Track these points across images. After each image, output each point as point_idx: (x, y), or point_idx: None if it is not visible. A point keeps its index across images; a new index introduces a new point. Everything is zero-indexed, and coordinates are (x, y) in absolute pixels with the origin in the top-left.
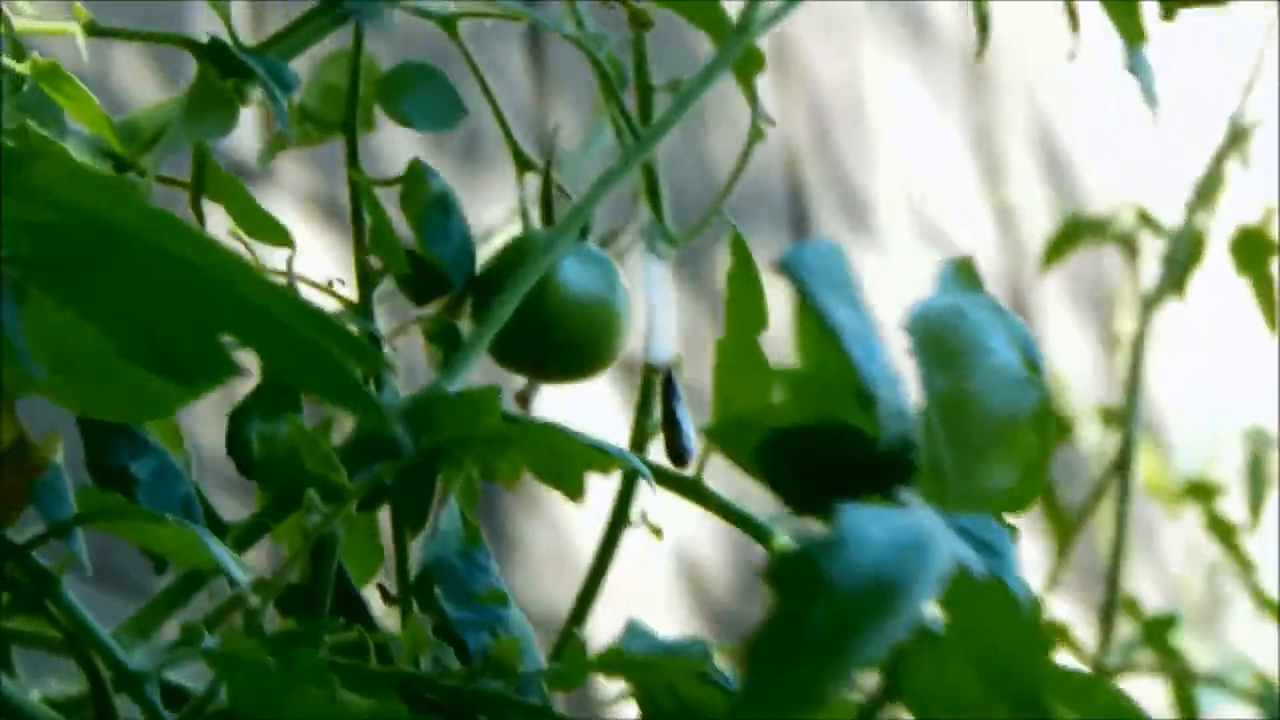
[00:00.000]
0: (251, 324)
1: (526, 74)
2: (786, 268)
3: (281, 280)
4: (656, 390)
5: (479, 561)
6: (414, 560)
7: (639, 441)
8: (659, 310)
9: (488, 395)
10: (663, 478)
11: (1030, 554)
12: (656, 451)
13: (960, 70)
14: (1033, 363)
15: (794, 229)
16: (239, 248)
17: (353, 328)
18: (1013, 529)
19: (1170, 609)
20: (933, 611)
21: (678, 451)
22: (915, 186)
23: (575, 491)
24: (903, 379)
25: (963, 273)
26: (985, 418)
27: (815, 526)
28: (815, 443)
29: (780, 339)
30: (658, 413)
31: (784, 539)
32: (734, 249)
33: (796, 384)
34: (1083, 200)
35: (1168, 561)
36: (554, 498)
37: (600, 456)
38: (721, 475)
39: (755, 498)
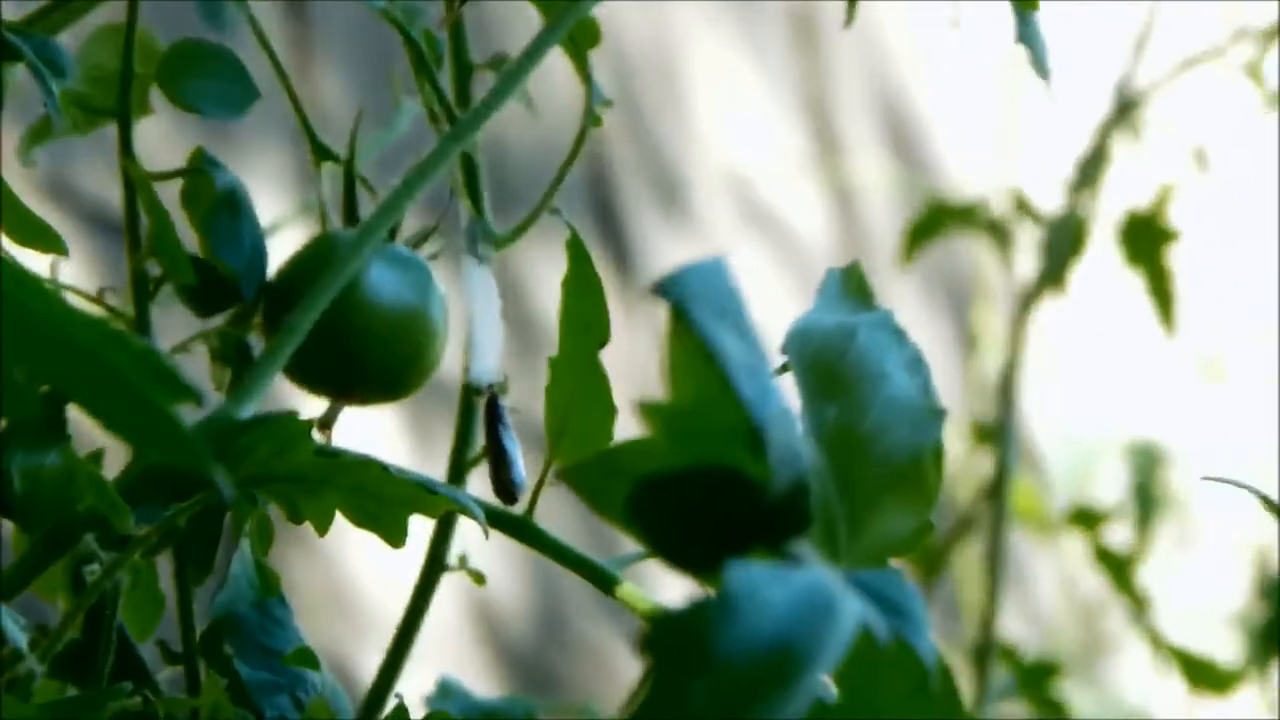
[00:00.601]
0: (44, 350)
1: (289, 45)
2: (665, 290)
3: None
4: (478, 416)
5: (275, 614)
6: (199, 612)
7: (456, 475)
8: (482, 322)
9: (296, 425)
10: (491, 518)
11: None
12: (473, 486)
13: (788, 27)
14: (928, 390)
15: (597, 216)
16: None
17: None
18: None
19: (1047, 653)
20: (827, 683)
21: (506, 487)
22: (738, 163)
23: (396, 537)
24: (795, 417)
25: (850, 282)
26: (883, 458)
27: (675, 575)
28: (696, 490)
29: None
30: (479, 443)
31: (631, 588)
32: (571, 252)
33: (671, 421)
34: (936, 180)
35: (1039, 597)
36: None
37: (426, 497)
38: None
39: (585, 534)
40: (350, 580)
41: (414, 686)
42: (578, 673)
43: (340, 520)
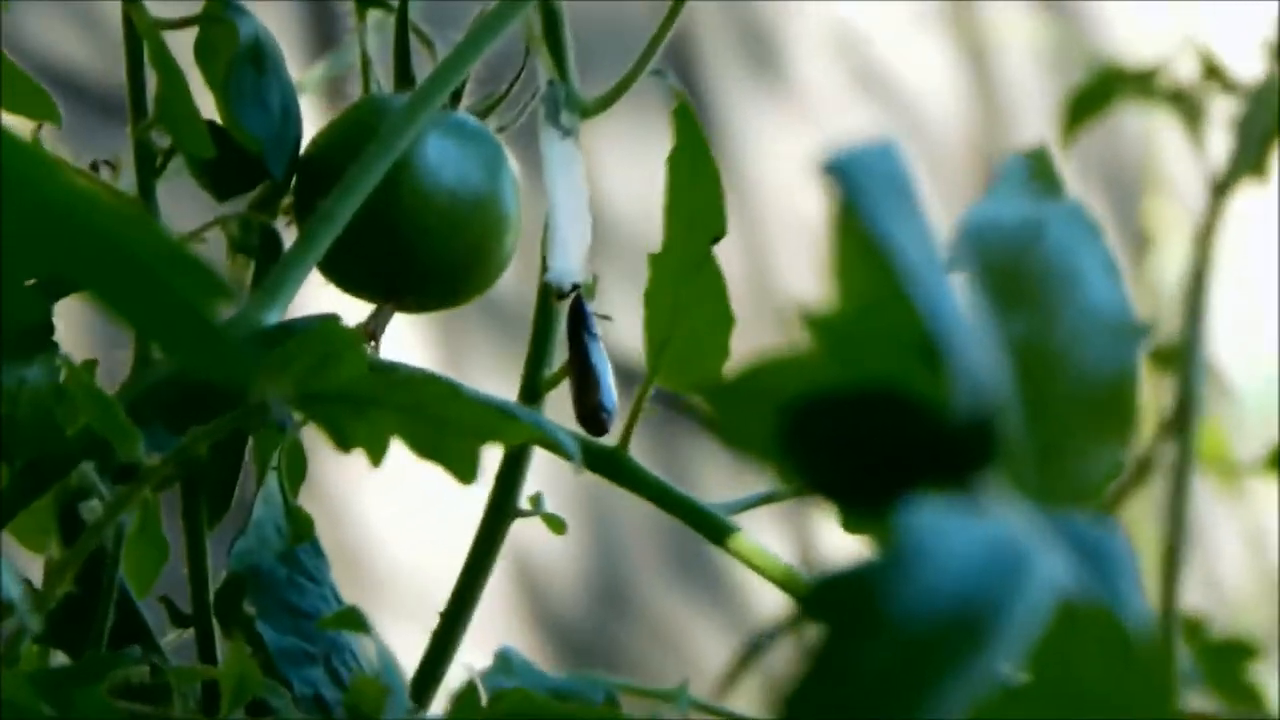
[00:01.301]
0: (54, 236)
1: None
2: (834, 171)
3: None
4: (558, 326)
5: (307, 567)
6: (213, 563)
7: (530, 397)
8: (565, 208)
9: (343, 332)
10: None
11: None
12: (555, 413)
13: None
14: (1126, 299)
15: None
16: None
17: None
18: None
19: (1236, 630)
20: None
21: (593, 413)
22: (845, 17)
23: (466, 470)
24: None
25: (1036, 168)
26: (1077, 379)
27: (829, 520)
28: (863, 413)
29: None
30: (559, 359)
31: (748, 539)
32: (678, 124)
33: (834, 332)
34: (1097, 37)
35: (1222, 559)
36: (332, 477)
37: (503, 422)
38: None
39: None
40: (363, 537)
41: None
42: (643, 653)
43: (350, 462)
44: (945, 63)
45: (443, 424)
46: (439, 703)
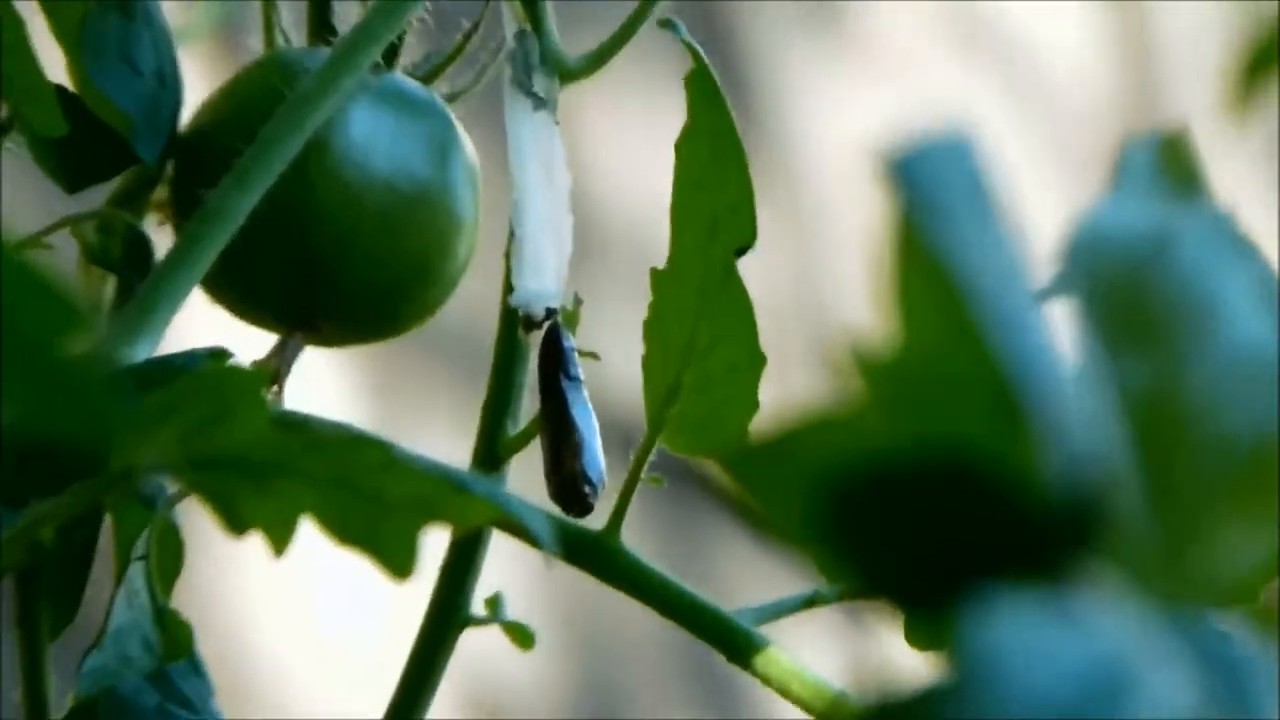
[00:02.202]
0: None
1: None
2: (897, 174)
3: None
4: (527, 366)
5: (184, 691)
6: (57, 685)
7: (486, 462)
8: (537, 207)
9: (241, 376)
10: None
11: None
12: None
13: None
14: None
15: (699, 37)
16: None
17: None
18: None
19: None
20: None
21: (574, 485)
22: None
23: (401, 561)
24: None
25: (1169, 157)
26: (1218, 442)
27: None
28: (931, 488)
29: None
30: (527, 411)
31: (782, 655)
32: (695, 91)
33: (894, 380)
34: None
35: None
36: (218, 570)
37: (455, 497)
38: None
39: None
40: (258, 652)
41: None
42: None
43: (244, 551)
44: (1073, 8)
45: (371, 499)
46: None
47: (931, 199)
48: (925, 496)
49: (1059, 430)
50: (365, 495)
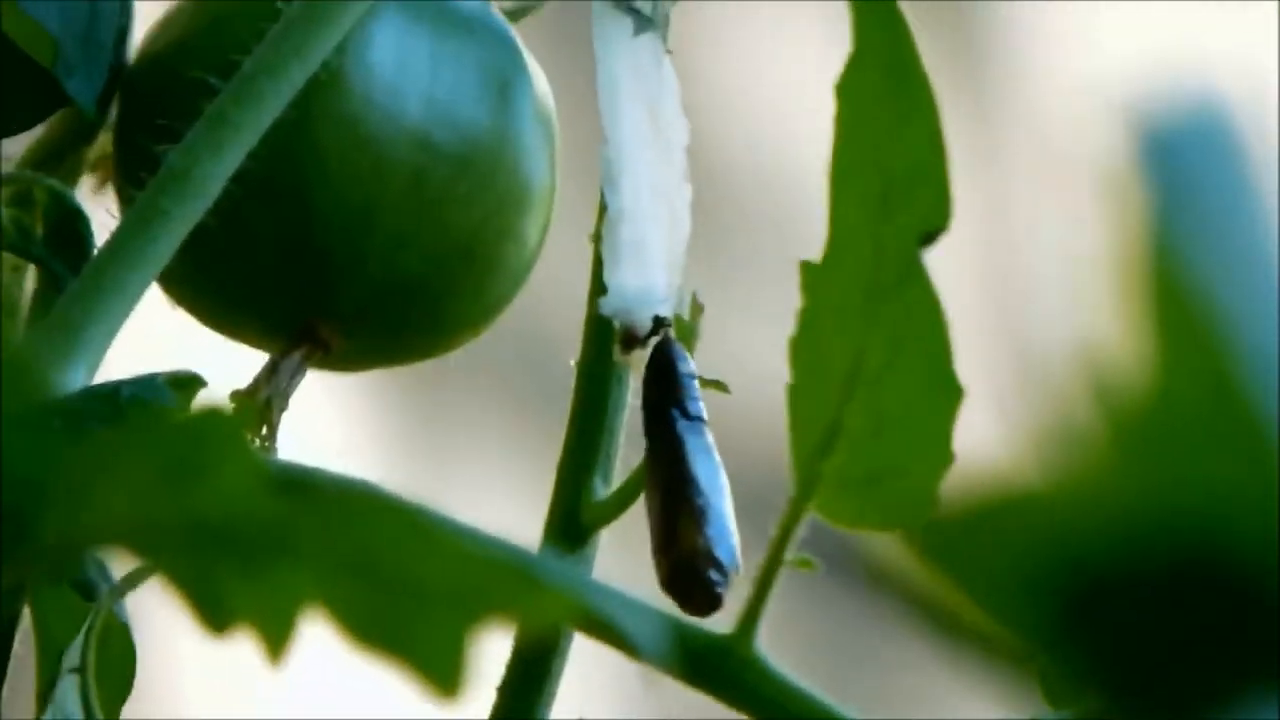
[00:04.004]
0: None
1: None
2: (1143, 161)
3: None
4: (624, 400)
5: None
6: None
7: (567, 540)
8: (640, 170)
9: (217, 416)
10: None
11: None
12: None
13: None
14: None
15: None
16: None
17: None
18: None
19: None
20: None
21: (693, 569)
22: None
23: (446, 676)
24: None
25: None
26: None
27: None
28: (1178, 573)
29: None
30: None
31: None
32: (859, 12)
33: (1134, 430)
34: None
35: None
36: (180, 679)
37: (521, 586)
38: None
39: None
40: None
41: None
42: None
43: (223, 655)
44: None
45: (402, 589)
46: None
47: (1182, 199)
48: (1172, 582)
49: None
50: (394, 583)
